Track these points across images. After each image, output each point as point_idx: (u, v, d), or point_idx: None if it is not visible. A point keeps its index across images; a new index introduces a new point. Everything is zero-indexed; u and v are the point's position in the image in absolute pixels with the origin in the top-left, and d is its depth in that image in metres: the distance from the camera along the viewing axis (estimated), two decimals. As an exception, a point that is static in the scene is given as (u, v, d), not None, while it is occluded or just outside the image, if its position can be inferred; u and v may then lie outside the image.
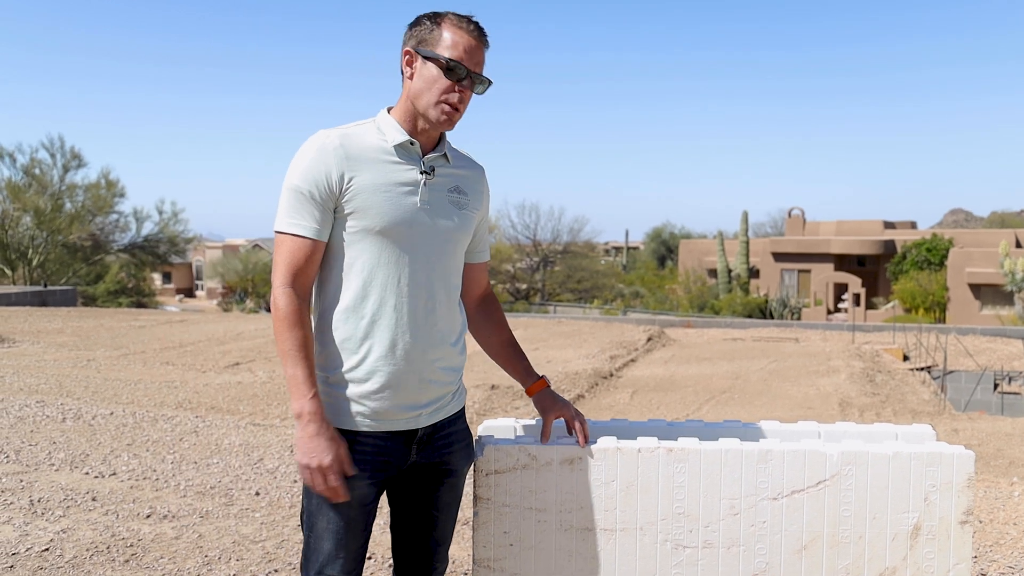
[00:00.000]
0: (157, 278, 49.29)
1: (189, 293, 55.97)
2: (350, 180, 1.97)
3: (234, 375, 10.93)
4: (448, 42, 1.98)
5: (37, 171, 36.56)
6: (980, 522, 4.48)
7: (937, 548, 2.18)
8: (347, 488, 1.95)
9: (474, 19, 2.03)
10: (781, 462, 2.19)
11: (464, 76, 1.99)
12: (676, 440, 2.25)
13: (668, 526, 2.21)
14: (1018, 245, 32.46)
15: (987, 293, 31.26)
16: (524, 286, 44.11)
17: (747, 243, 37.78)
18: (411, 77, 2.03)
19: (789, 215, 40.50)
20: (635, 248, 63.62)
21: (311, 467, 1.91)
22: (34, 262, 36.20)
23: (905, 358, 17.73)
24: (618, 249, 64.41)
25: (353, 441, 2.01)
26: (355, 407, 2.01)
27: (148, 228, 39.78)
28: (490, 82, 2.06)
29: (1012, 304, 29.22)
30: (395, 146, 2.02)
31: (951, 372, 15.79)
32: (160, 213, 39.82)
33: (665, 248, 56.52)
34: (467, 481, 2.30)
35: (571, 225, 46.76)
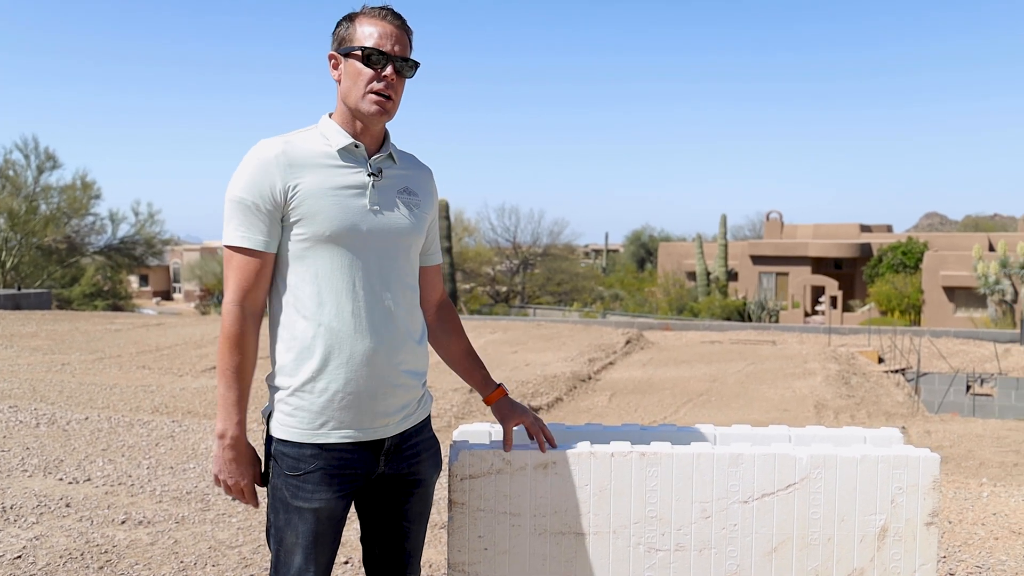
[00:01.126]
0: (134, 280, 48.86)
1: (166, 296, 55.53)
2: (295, 188, 1.95)
3: (211, 379, 10.87)
4: (365, 34, 1.99)
5: (11, 172, 36.14)
6: (949, 523, 4.54)
7: (903, 549, 2.22)
8: (255, 497, 2.09)
9: (389, 6, 2.03)
10: (752, 466, 2.22)
11: (385, 63, 1.98)
12: (649, 444, 2.27)
13: (641, 529, 2.24)
14: (991, 249, 32.87)
15: (961, 296, 31.63)
16: (504, 289, 44.13)
17: (726, 246, 38.01)
18: (339, 79, 2.03)
19: (767, 218, 40.80)
20: (615, 251, 63.81)
21: (228, 484, 2.04)
22: (8, 265, 35.77)
23: (880, 360, 17.91)
24: (598, 252, 64.59)
25: (319, 454, 1.98)
26: (319, 419, 1.98)
27: (124, 230, 39.40)
28: (416, 64, 2.04)
29: (985, 307, 29.59)
30: (339, 150, 2.01)
31: (925, 374, 15.96)
32: (136, 215, 39.43)
33: (645, 251, 56.74)
34: (441, 485, 2.31)
35: (551, 228, 46.85)
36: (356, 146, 2.02)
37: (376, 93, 1.98)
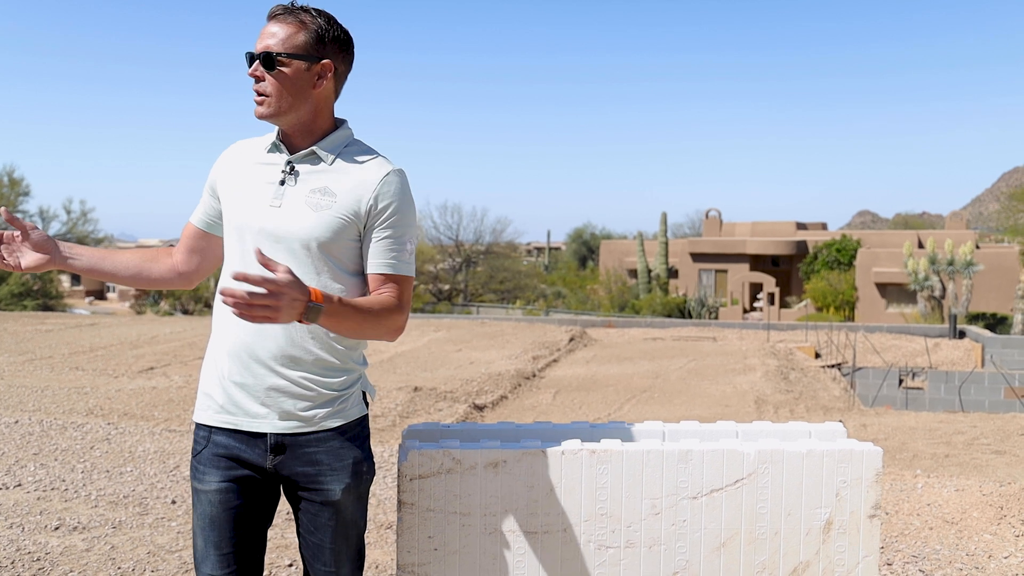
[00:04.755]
0: (65, 280, 47.46)
1: (100, 295, 54.09)
2: (223, 183, 2.11)
3: (148, 380, 10.61)
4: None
5: (-66, 167, 34.78)
6: (887, 514, 4.66)
7: (848, 542, 2.26)
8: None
9: (280, 4, 2.00)
10: (701, 462, 2.24)
11: (250, 63, 2.01)
12: (599, 442, 2.28)
13: (591, 527, 2.24)
14: (921, 246, 33.87)
15: (892, 292, 32.53)
16: (447, 287, 44.00)
17: (666, 244, 38.45)
18: None
19: (706, 216, 41.39)
20: (557, 248, 64.16)
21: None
22: (-70, 263, 34.41)
23: (817, 356, 18.31)
24: (540, 249, 64.87)
25: (208, 436, 2.07)
26: (205, 401, 2.08)
27: (55, 228, 38.27)
28: (266, 54, 1.94)
29: (915, 303, 30.47)
30: (267, 150, 2.08)
31: (859, 369, 16.38)
32: (68, 212, 38.35)
33: (586, 248, 57.13)
34: (388, 485, 2.27)
35: (494, 226, 46.90)
36: (276, 145, 2.07)
37: (256, 95, 2.01)
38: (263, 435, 2.04)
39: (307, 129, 2.03)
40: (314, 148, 2.03)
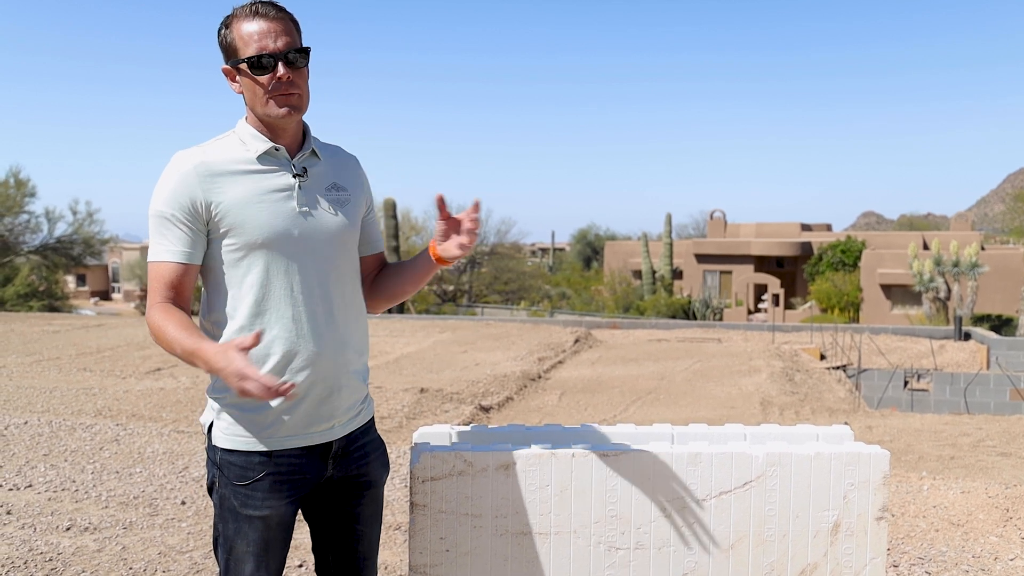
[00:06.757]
0: (70, 280, 47.56)
1: (105, 296, 54.22)
2: (218, 200, 1.91)
3: (156, 381, 10.66)
4: (244, 39, 1.92)
5: (-60, 169, 34.84)
6: (892, 515, 4.68)
7: (855, 544, 2.28)
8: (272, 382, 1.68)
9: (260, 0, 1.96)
10: (710, 464, 2.27)
11: (275, 63, 1.92)
12: (609, 445, 2.30)
13: (601, 529, 2.26)
14: (925, 247, 33.81)
15: (897, 293, 32.48)
16: (451, 287, 44.02)
17: (671, 245, 38.44)
18: (240, 92, 1.99)
19: (711, 217, 41.37)
20: (561, 249, 64.18)
21: (237, 381, 1.68)
22: (-63, 264, 34.52)
23: (822, 357, 18.30)
24: (544, 250, 64.90)
25: (267, 462, 1.97)
26: (265, 427, 1.97)
27: (61, 229, 38.31)
28: (307, 50, 1.97)
29: (920, 304, 30.41)
30: (259, 155, 1.97)
31: (865, 370, 16.36)
32: (74, 213, 38.38)
33: (591, 249, 57.14)
34: (395, 487, 2.30)
35: (498, 227, 46.82)
36: (276, 149, 1.99)
37: (279, 95, 1.93)
38: (323, 445, 2.03)
39: (302, 127, 2.06)
40: (314, 147, 2.06)
